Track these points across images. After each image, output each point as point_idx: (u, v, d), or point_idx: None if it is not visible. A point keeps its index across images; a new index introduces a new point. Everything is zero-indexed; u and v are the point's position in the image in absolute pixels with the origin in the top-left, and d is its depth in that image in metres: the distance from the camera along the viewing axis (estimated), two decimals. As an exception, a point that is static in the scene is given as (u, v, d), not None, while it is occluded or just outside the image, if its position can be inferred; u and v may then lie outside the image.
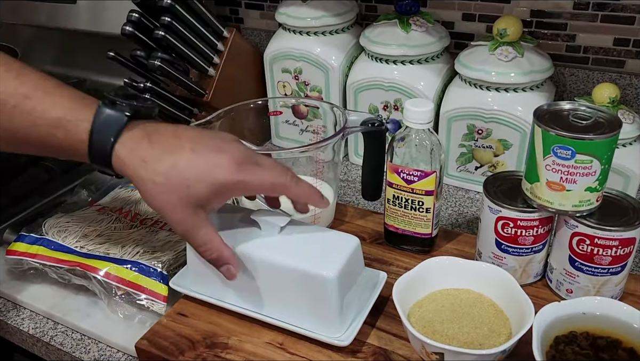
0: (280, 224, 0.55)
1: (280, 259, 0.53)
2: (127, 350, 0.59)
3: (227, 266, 0.52)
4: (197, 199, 0.48)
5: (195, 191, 0.47)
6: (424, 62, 0.83)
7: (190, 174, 0.47)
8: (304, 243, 0.55)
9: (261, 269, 0.54)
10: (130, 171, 0.47)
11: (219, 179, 0.48)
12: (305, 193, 0.54)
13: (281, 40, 0.90)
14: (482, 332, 0.52)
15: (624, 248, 0.54)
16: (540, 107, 0.55)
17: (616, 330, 0.49)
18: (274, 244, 0.54)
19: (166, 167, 0.47)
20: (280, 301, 0.55)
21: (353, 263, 0.54)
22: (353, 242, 0.55)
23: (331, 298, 0.52)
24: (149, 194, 0.48)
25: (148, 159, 0.47)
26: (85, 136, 0.47)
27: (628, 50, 0.81)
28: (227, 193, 0.49)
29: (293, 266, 0.52)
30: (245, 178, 0.49)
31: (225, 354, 0.54)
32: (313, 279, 0.52)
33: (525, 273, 0.60)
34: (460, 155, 0.83)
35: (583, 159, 0.51)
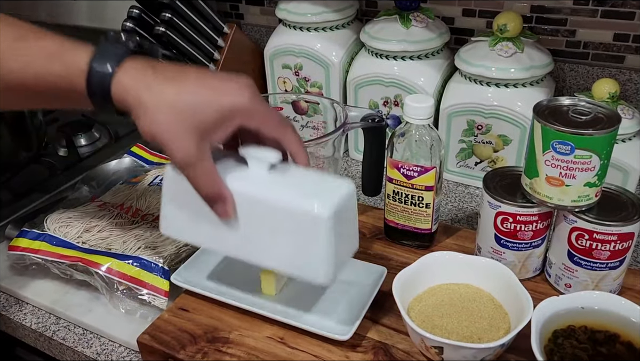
0: (270, 160, 0.49)
1: (266, 195, 0.48)
2: (129, 344, 0.59)
3: (223, 204, 0.48)
4: (203, 125, 0.44)
5: (202, 116, 0.44)
6: (424, 57, 0.83)
7: (197, 99, 0.44)
8: (294, 181, 0.50)
9: (246, 207, 0.49)
10: (132, 97, 0.44)
11: (226, 102, 0.45)
12: (298, 141, 0.51)
13: (281, 36, 0.90)
14: (481, 326, 0.52)
15: (623, 242, 0.54)
16: (539, 103, 0.55)
17: (614, 324, 0.50)
18: (261, 181, 0.49)
19: (172, 92, 0.44)
20: (266, 245, 0.50)
21: (346, 207, 0.49)
22: (348, 185, 0.50)
23: (321, 238, 0.47)
24: (151, 119, 0.44)
25: (152, 85, 0.44)
26: (84, 63, 0.44)
27: (628, 46, 0.81)
28: (234, 119, 0.46)
29: (280, 202, 0.48)
30: (254, 105, 0.46)
31: (227, 348, 0.55)
32: (302, 217, 0.47)
33: (524, 268, 0.60)
34: (460, 151, 0.83)
35: (582, 154, 0.51)
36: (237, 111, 0.45)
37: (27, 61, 0.45)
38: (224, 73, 0.48)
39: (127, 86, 0.44)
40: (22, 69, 0.45)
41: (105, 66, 0.44)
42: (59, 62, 0.45)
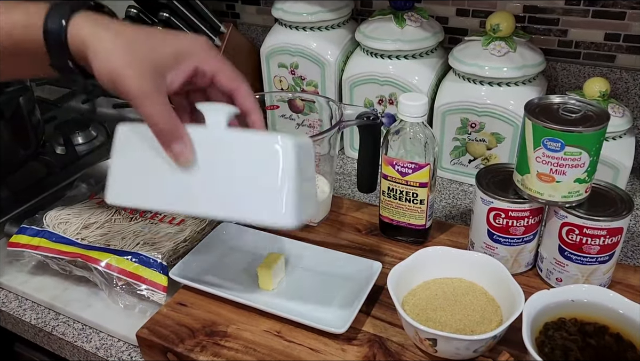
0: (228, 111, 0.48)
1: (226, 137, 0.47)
2: (128, 339, 0.60)
3: (181, 144, 0.45)
4: (160, 62, 0.45)
5: (158, 53, 0.45)
6: (418, 57, 0.84)
7: (154, 39, 0.45)
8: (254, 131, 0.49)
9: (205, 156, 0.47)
10: (87, 32, 0.44)
11: (183, 44, 0.46)
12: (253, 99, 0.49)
13: (277, 36, 0.91)
14: (474, 319, 0.53)
15: (612, 237, 0.55)
16: (530, 101, 0.57)
17: (603, 316, 0.51)
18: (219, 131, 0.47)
19: (128, 31, 0.45)
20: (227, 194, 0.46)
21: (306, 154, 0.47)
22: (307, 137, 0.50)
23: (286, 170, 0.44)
24: (107, 52, 0.43)
25: (110, 25, 0.45)
26: (40, 20, 0.45)
27: (618, 45, 0.83)
28: (188, 60, 0.46)
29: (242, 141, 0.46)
30: (210, 51, 0.47)
31: (225, 342, 0.56)
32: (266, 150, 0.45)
33: (516, 263, 0.62)
34: (454, 148, 0.84)
35: (572, 151, 0.52)
36: (193, 52, 0.46)
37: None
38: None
39: (83, 26, 0.44)
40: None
41: (60, 14, 0.45)
42: (20, 11, 0.46)
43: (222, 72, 0.48)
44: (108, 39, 0.44)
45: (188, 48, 0.46)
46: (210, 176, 0.47)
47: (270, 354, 0.54)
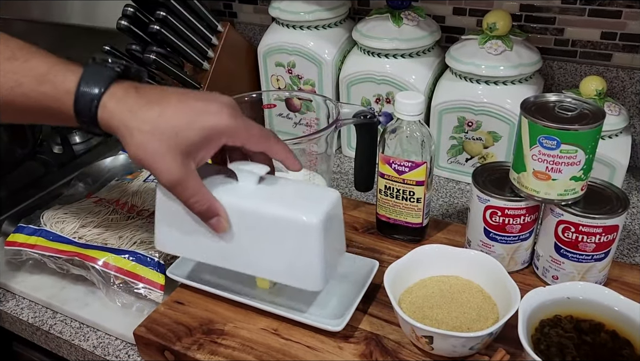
0: (259, 173, 0.52)
1: (257, 207, 0.50)
2: (125, 337, 0.60)
3: (217, 218, 0.50)
4: (187, 146, 0.46)
5: (185, 137, 0.46)
6: (415, 55, 0.84)
7: (179, 121, 0.46)
8: (282, 192, 0.52)
9: (238, 221, 0.51)
10: (117, 121, 0.46)
11: (208, 123, 0.47)
12: (284, 149, 0.52)
13: (274, 35, 0.91)
14: (470, 316, 0.53)
15: (607, 235, 0.55)
16: (527, 99, 0.57)
17: (599, 313, 0.51)
18: (252, 194, 0.51)
19: (154, 115, 0.46)
20: (259, 255, 0.52)
21: (334, 214, 0.51)
22: (334, 193, 0.52)
23: (313, 245, 0.49)
24: (136, 143, 0.45)
25: (135, 108, 0.46)
26: (72, 86, 0.46)
27: (615, 44, 0.83)
28: (217, 139, 0.48)
29: (271, 213, 0.50)
30: (236, 124, 0.48)
31: (222, 340, 0.56)
32: (294, 226, 0.49)
33: (512, 261, 0.62)
34: (451, 147, 0.85)
35: (568, 149, 0.53)
36: (219, 131, 0.47)
37: (16, 80, 0.47)
38: (205, 93, 0.50)
39: (112, 111, 0.46)
40: (11, 89, 0.47)
41: (92, 90, 0.46)
42: (49, 84, 0.46)
43: (250, 141, 0.50)
44: (134, 126, 0.45)
45: (213, 126, 0.47)
46: (245, 240, 0.51)
47: (267, 352, 0.54)
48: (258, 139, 0.50)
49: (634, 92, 0.83)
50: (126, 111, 0.46)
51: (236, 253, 0.52)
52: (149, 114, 0.46)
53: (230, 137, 0.48)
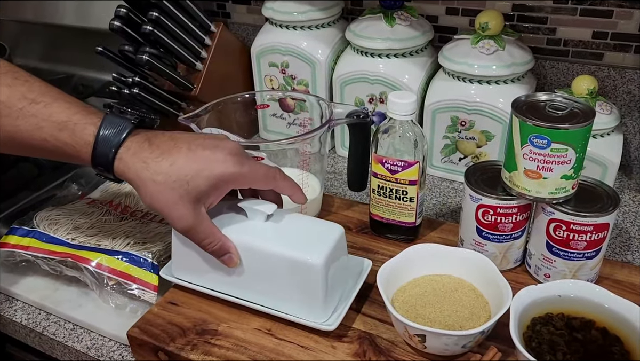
0: (267, 212, 0.56)
1: (267, 246, 0.55)
2: (118, 338, 0.60)
3: (229, 255, 0.54)
4: (197, 193, 0.50)
5: (195, 185, 0.49)
6: (408, 55, 0.85)
7: (189, 170, 0.49)
8: (290, 230, 0.56)
9: (249, 257, 0.56)
10: (132, 174, 0.49)
11: (216, 171, 0.50)
12: (290, 185, 0.57)
13: (268, 35, 0.91)
14: (462, 315, 0.54)
15: (598, 233, 0.56)
16: (518, 99, 0.57)
17: (590, 310, 0.51)
18: (261, 232, 0.56)
19: (165, 166, 0.49)
20: (268, 288, 0.56)
21: (338, 250, 0.56)
22: (337, 230, 0.57)
23: (318, 283, 0.53)
24: (150, 194, 0.49)
25: (148, 160, 0.49)
26: (90, 138, 0.49)
27: (606, 43, 0.84)
28: (224, 186, 0.51)
29: (280, 253, 0.54)
30: (241, 170, 0.51)
31: (215, 340, 0.56)
32: (300, 266, 0.53)
33: (505, 259, 0.62)
34: (444, 147, 0.85)
35: (558, 147, 0.53)
36: (225, 179, 0.51)
37: (36, 124, 0.49)
38: (213, 139, 0.52)
39: (127, 163, 0.49)
40: (31, 132, 0.50)
41: (110, 143, 0.49)
42: (68, 132, 0.49)
43: (256, 184, 0.55)
44: (150, 180, 0.49)
45: (220, 175, 0.50)
46: (254, 275, 0.56)
47: (261, 352, 0.54)
48: (264, 181, 0.54)
49: (625, 91, 0.84)
50: (140, 162, 0.49)
51: (246, 285, 0.57)
52: (161, 165, 0.49)
53: (237, 183, 0.53)
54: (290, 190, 0.57)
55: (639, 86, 0.83)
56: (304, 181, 0.70)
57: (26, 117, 0.49)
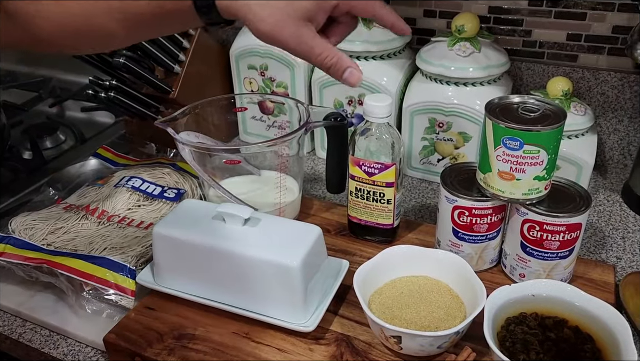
0: (244, 216, 0.56)
1: (244, 249, 0.55)
2: (95, 344, 0.60)
3: (350, 70, 0.50)
4: (304, 11, 0.47)
5: (301, 4, 0.47)
6: (386, 57, 0.85)
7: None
8: (267, 233, 0.56)
9: (227, 261, 0.56)
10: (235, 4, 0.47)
11: None
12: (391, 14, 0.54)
13: (246, 37, 0.91)
14: (438, 316, 0.54)
15: (571, 233, 0.57)
16: (491, 101, 0.58)
17: (562, 309, 0.52)
18: (238, 236, 0.56)
19: None
20: (246, 292, 0.56)
21: (315, 252, 0.56)
22: (315, 231, 0.57)
23: (295, 285, 0.54)
24: (258, 19, 0.47)
25: None
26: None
27: (580, 45, 0.85)
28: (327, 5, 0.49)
29: (257, 256, 0.54)
30: None
31: (193, 344, 0.56)
32: (277, 268, 0.54)
33: (481, 260, 0.63)
34: (422, 148, 0.85)
35: (531, 149, 0.54)
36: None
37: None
38: None
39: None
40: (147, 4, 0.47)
41: None
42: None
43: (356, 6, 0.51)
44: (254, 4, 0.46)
45: None
46: (234, 279, 0.56)
47: (238, 356, 0.54)
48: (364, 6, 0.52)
49: (599, 92, 0.85)
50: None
51: (224, 289, 0.57)
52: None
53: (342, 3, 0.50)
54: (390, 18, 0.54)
55: (612, 87, 0.84)
56: (282, 184, 0.70)
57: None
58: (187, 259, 0.58)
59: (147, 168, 0.78)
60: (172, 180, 0.77)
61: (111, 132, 0.98)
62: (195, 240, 0.57)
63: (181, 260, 0.58)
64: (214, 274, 0.57)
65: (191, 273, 0.58)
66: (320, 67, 0.50)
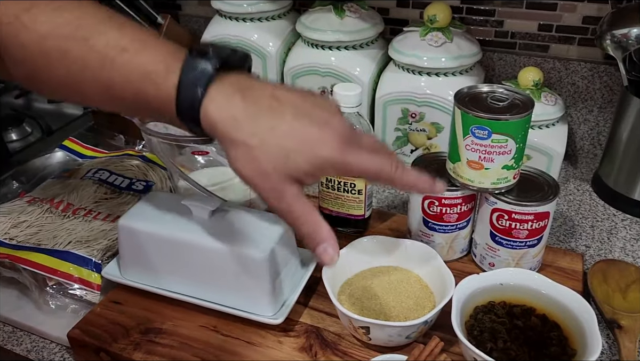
0: (210, 208, 0.55)
1: (211, 242, 0.54)
2: (60, 340, 0.58)
3: (324, 246, 0.44)
4: (295, 171, 0.42)
5: (294, 163, 0.41)
6: (359, 47, 0.84)
7: (291, 144, 0.41)
8: (235, 225, 0.55)
9: (194, 254, 0.55)
10: (220, 131, 0.42)
11: (321, 154, 0.42)
12: (412, 182, 0.46)
13: (218, 27, 0.90)
14: (407, 306, 0.54)
15: (539, 221, 0.57)
16: (460, 90, 0.58)
17: (530, 298, 0.53)
18: (205, 228, 0.55)
19: (263, 129, 0.41)
20: (214, 284, 0.55)
21: (284, 243, 0.55)
22: (284, 222, 0.56)
23: (263, 277, 0.53)
24: (240, 159, 0.42)
25: (241, 118, 0.41)
26: (173, 90, 0.42)
27: (552, 36, 0.85)
28: (325, 171, 0.44)
29: (224, 248, 0.53)
30: (350, 160, 0.43)
31: (160, 339, 0.55)
32: (245, 260, 0.53)
33: (451, 249, 0.63)
34: (396, 139, 0.85)
35: (499, 138, 0.54)
36: (332, 164, 0.43)
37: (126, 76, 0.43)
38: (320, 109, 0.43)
39: (215, 118, 0.42)
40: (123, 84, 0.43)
41: (192, 95, 0.42)
42: (153, 85, 0.43)
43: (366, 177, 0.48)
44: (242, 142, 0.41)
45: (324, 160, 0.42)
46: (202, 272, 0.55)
47: (205, 349, 0.53)
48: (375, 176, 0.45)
49: (570, 83, 0.86)
50: (230, 120, 0.41)
51: (192, 282, 0.56)
52: (258, 126, 0.41)
53: (341, 172, 0.45)
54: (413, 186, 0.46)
55: (582, 77, 0.85)
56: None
57: (118, 69, 0.43)
58: (153, 252, 0.56)
59: (115, 160, 0.76)
60: (141, 172, 0.75)
61: (79, 124, 0.96)
62: (161, 233, 0.55)
63: (147, 253, 0.57)
64: (181, 267, 0.56)
65: (158, 266, 0.57)
66: (295, 231, 0.45)
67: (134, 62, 0.43)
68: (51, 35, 0.44)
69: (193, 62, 0.42)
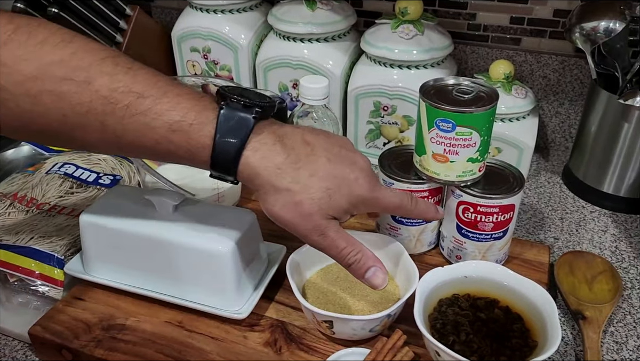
0: (173, 202, 0.55)
1: (174, 236, 0.53)
2: (22, 337, 0.57)
3: (374, 269, 0.48)
4: (336, 210, 0.45)
5: (336, 202, 0.45)
6: (331, 40, 0.84)
7: (330, 185, 0.45)
8: (198, 220, 0.55)
9: (157, 248, 0.54)
10: (262, 180, 0.44)
11: (357, 193, 0.46)
12: (423, 210, 0.52)
13: (189, 19, 0.89)
14: (372, 299, 0.54)
15: (504, 214, 0.57)
16: (426, 83, 0.57)
17: (494, 290, 0.53)
18: (169, 223, 0.54)
19: (305, 176, 0.44)
20: (179, 279, 0.55)
21: (249, 237, 0.55)
22: (249, 216, 0.56)
23: (227, 272, 0.52)
24: (280, 203, 0.44)
25: (284, 167, 0.44)
26: (208, 140, 0.42)
27: (523, 29, 0.85)
28: (359, 208, 0.48)
29: (188, 242, 0.53)
30: (378, 196, 0.48)
31: (122, 335, 0.54)
32: (208, 255, 0.52)
33: (419, 242, 0.63)
34: (368, 132, 0.85)
35: (463, 131, 0.54)
36: (362, 200, 0.47)
37: (146, 124, 0.42)
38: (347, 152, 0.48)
39: (257, 168, 0.43)
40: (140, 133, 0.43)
41: (231, 145, 0.42)
42: (182, 135, 0.43)
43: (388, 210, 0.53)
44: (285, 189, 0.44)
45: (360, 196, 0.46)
46: (166, 267, 0.54)
47: (169, 345, 0.53)
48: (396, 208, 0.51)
49: (542, 75, 0.86)
50: (274, 168, 0.43)
51: (156, 277, 0.56)
52: (300, 174, 0.44)
53: (370, 208, 0.49)
54: (424, 214, 0.53)
55: (553, 70, 0.85)
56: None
57: (134, 116, 0.42)
58: (116, 247, 0.56)
59: (82, 154, 0.75)
60: (109, 166, 0.74)
61: (49, 117, 0.94)
62: (123, 227, 0.55)
63: (110, 248, 0.56)
64: (144, 263, 0.55)
65: (121, 262, 0.56)
66: (341, 263, 0.48)
67: (155, 110, 0.42)
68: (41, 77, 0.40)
69: (229, 112, 0.43)
